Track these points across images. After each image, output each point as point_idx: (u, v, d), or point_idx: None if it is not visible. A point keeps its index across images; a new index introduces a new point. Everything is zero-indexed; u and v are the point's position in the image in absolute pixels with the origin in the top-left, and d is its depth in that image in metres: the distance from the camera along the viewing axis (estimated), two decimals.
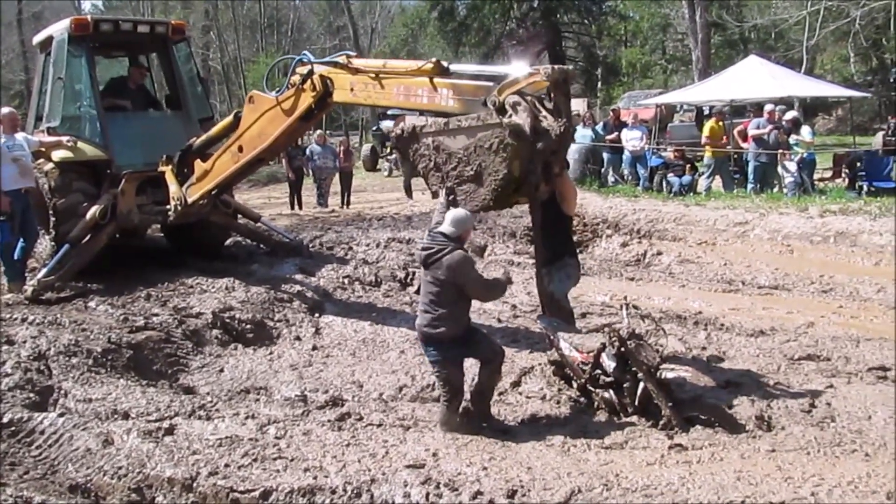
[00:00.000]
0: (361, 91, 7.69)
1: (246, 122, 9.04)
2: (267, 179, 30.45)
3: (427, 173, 6.89)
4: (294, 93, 8.33)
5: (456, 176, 6.62)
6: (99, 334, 7.98)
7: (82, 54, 10.53)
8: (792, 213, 12.69)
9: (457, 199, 6.68)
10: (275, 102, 8.56)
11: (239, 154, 9.18)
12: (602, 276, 11.56)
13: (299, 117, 8.48)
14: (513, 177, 6.32)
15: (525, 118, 6.15)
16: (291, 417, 6.47)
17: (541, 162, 6.38)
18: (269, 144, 8.86)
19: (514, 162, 6.27)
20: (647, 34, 47.07)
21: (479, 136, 6.38)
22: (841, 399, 6.64)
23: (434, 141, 6.73)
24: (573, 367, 6.66)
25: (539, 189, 6.56)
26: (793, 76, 21.72)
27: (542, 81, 6.28)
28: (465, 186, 6.59)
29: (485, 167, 6.39)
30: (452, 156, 6.60)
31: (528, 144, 6.20)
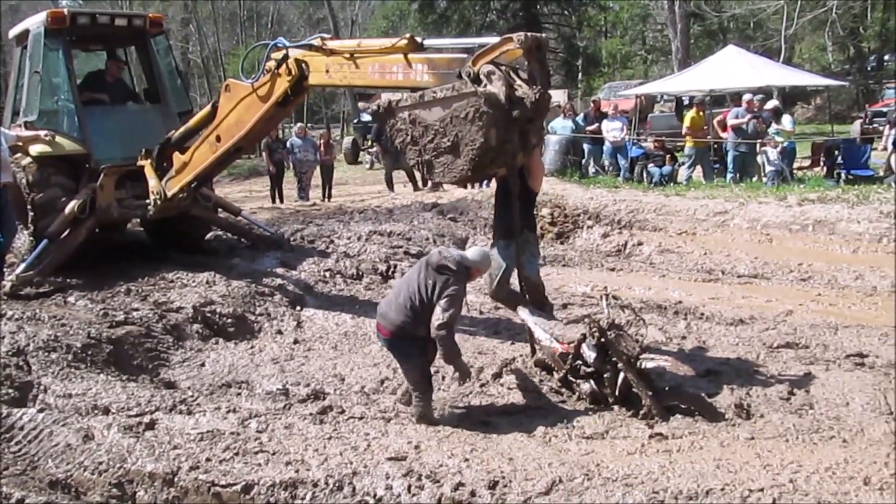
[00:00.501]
0: (337, 72, 7.66)
1: (223, 111, 8.98)
2: (248, 173, 30.38)
3: (405, 148, 6.85)
4: (269, 78, 8.28)
5: (433, 148, 6.59)
6: (78, 329, 7.93)
7: (59, 48, 10.43)
8: (771, 203, 12.76)
9: (432, 172, 6.71)
10: (251, 89, 8.51)
11: (217, 144, 9.12)
12: (583, 266, 11.59)
13: (276, 103, 8.41)
14: (490, 146, 6.30)
15: (500, 87, 6.13)
16: (273, 411, 6.45)
17: (517, 130, 6.39)
18: (246, 132, 8.79)
19: (491, 131, 6.24)
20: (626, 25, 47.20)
21: (455, 107, 6.36)
22: (819, 386, 6.71)
23: (410, 115, 6.69)
24: (554, 357, 6.69)
25: (517, 158, 6.59)
26: (771, 65, 21.84)
27: (515, 49, 6.24)
28: (442, 158, 6.56)
29: (461, 137, 6.36)
30: (429, 128, 6.56)
31: (503, 113, 6.18)
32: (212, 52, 49.32)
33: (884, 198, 12.39)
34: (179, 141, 9.84)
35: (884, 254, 11.06)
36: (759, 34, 38.57)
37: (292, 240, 12.24)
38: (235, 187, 26.19)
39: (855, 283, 10.32)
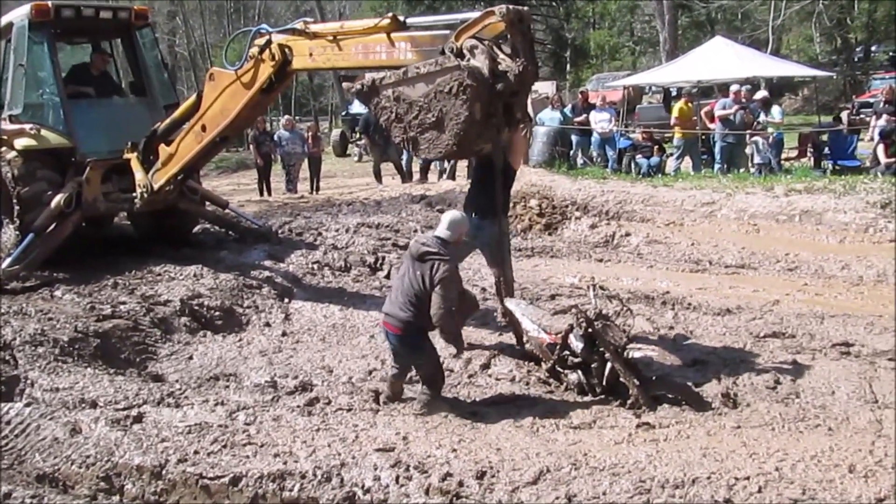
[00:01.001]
0: (320, 55, 7.68)
1: (207, 100, 8.95)
2: (236, 166, 30.35)
3: (389, 125, 6.86)
4: (253, 65, 8.27)
5: (418, 125, 6.58)
6: (65, 323, 7.91)
7: (44, 41, 10.35)
8: (758, 193, 12.79)
9: (418, 148, 6.72)
10: (235, 77, 8.50)
11: (202, 133, 9.09)
12: (571, 257, 11.61)
13: (260, 89, 8.41)
14: (474, 120, 6.29)
15: (483, 60, 6.16)
16: (261, 403, 6.45)
17: (502, 104, 6.40)
18: (231, 120, 8.76)
19: (475, 104, 6.23)
20: (615, 16, 47.20)
21: (439, 82, 6.34)
22: (805, 375, 6.76)
23: (394, 92, 6.68)
24: (541, 348, 6.71)
25: (502, 134, 6.62)
26: (758, 56, 21.89)
27: (497, 23, 6.27)
28: (427, 134, 6.56)
29: (446, 112, 6.35)
30: (413, 104, 6.55)
31: (487, 87, 6.19)
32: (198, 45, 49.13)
33: (870, 188, 12.44)
34: (165, 133, 9.79)
35: (870, 243, 11.12)
36: (746, 25, 38.63)
37: (280, 232, 12.22)
38: (223, 180, 26.14)
39: (841, 273, 10.37)
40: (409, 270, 6.21)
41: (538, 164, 16.35)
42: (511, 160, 7.25)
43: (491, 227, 7.46)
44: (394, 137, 6.96)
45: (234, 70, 8.49)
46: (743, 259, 11.18)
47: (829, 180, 13.65)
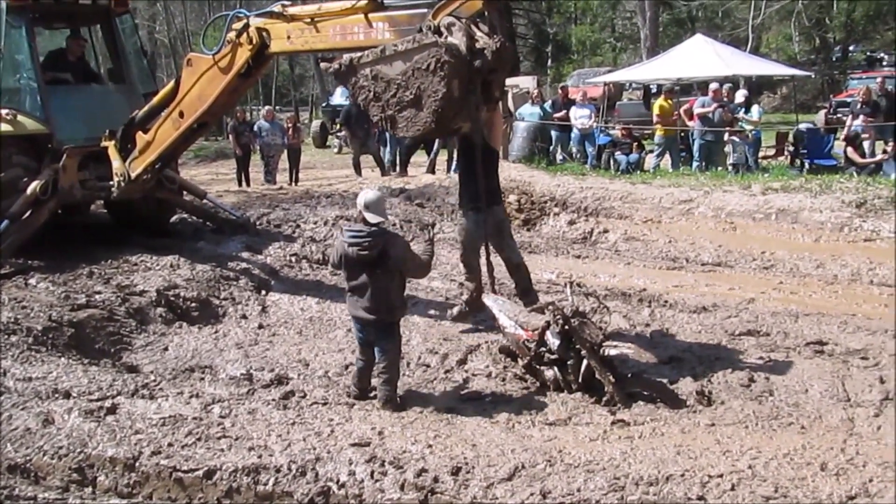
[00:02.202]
0: (298, 37, 7.69)
1: (185, 86, 8.88)
2: (214, 155, 30.11)
3: (368, 105, 6.86)
4: (231, 49, 8.25)
5: (396, 103, 6.60)
6: (39, 312, 7.84)
7: (22, 25, 10.23)
8: (735, 191, 12.88)
9: (396, 126, 6.73)
10: (212, 62, 8.46)
11: (180, 120, 9.02)
12: (549, 253, 11.63)
13: (238, 73, 8.39)
14: (452, 97, 6.31)
15: (460, 38, 6.20)
16: (236, 396, 6.44)
17: (480, 82, 6.43)
18: (209, 105, 8.71)
19: (453, 81, 6.27)
20: (596, 12, 47.34)
21: (416, 59, 6.37)
22: (779, 373, 6.82)
23: (372, 71, 6.69)
24: (518, 344, 6.73)
25: (480, 112, 6.65)
26: (738, 55, 22.00)
27: (475, 1, 6.35)
28: (405, 112, 6.58)
29: (424, 89, 6.37)
30: (391, 83, 6.58)
31: (465, 63, 6.23)
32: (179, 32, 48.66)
33: (845, 187, 12.57)
34: (143, 120, 9.67)
35: (844, 243, 11.25)
36: (726, 23, 38.86)
37: (258, 224, 12.15)
38: (202, 169, 25.92)
39: (816, 272, 10.47)
40: (360, 275, 6.14)
41: (518, 160, 16.36)
42: (490, 141, 7.27)
43: (489, 215, 7.55)
44: (372, 116, 6.98)
45: (212, 55, 8.46)
46: (719, 257, 11.26)
47: (806, 179, 13.76)
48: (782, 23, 37.02)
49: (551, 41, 48.69)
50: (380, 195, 6.30)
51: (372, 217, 6.06)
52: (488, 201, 7.45)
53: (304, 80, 56.11)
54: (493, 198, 7.70)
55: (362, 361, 6.42)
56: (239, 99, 10.09)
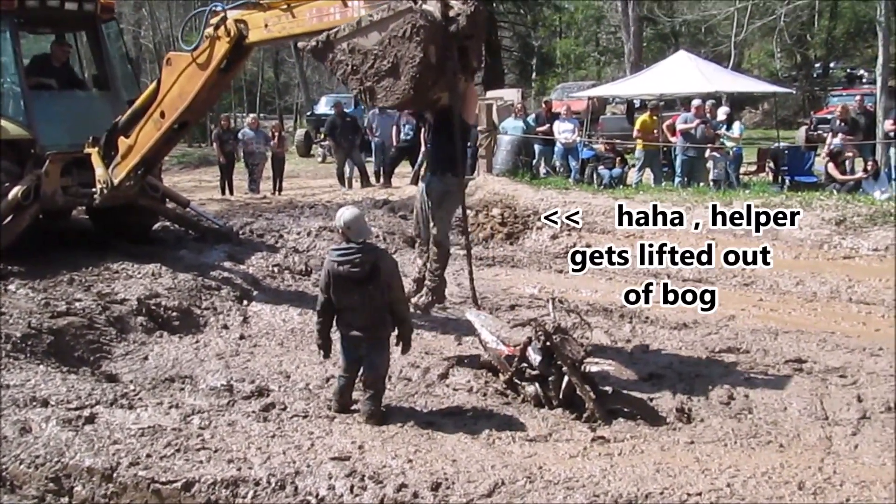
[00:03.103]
0: (275, 24, 7.72)
1: (166, 85, 8.90)
2: (198, 162, 30.07)
3: (346, 79, 6.91)
4: (209, 44, 8.29)
5: (374, 73, 6.63)
6: (19, 319, 7.78)
7: (6, 30, 10.20)
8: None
9: (375, 97, 6.75)
10: (191, 58, 8.50)
11: (161, 120, 9.02)
12: (531, 268, 11.65)
13: (217, 68, 8.42)
14: (429, 62, 6.36)
15: (434, 4, 6.28)
16: (216, 407, 6.40)
17: (456, 47, 6.48)
18: (190, 102, 8.71)
19: (429, 46, 6.32)
20: (581, 25, 47.64)
21: (392, 27, 6.43)
22: (758, 391, 6.87)
23: (349, 44, 6.74)
24: (500, 360, 6.74)
25: (459, 81, 6.71)
26: (720, 72, 22.13)
27: None
28: (384, 82, 6.61)
29: (401, 57, 6.42)
30: (368, 54, 6.62)
31: (440, 28, 6.30)
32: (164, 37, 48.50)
33: (825, 205, 12.67)
34: (126, 125, 9.63)
35: (824, 260, 11.35)
36: (709, 39, 39.18)
37: (241, 233, 12.14)
38: (185, 176, 25.87)
39: (796, 289, 10.53)
40: (352, 294, 6.10)
41: (501, 173, 16.42)
42: (465, 115, 7.31)
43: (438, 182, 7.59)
44: (351, 90, 7.11)
45: (190, 51, 8.48)
46: (700, 273, 11.29)
47: (786, 196, 13.87)
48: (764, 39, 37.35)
49: (536, 54, 48.99)
50: (358, 212, 6.25)
51: (358, 234, 6.08)
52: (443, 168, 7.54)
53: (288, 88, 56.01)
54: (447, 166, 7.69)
55: (345, 378, 6.37)
56: (220, 95, 10.09)
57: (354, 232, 6.07)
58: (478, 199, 14.27)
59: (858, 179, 15.73)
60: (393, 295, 6.17)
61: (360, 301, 6.08)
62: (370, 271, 6.00)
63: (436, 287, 8.12)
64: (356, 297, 6.08)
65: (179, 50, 9.01)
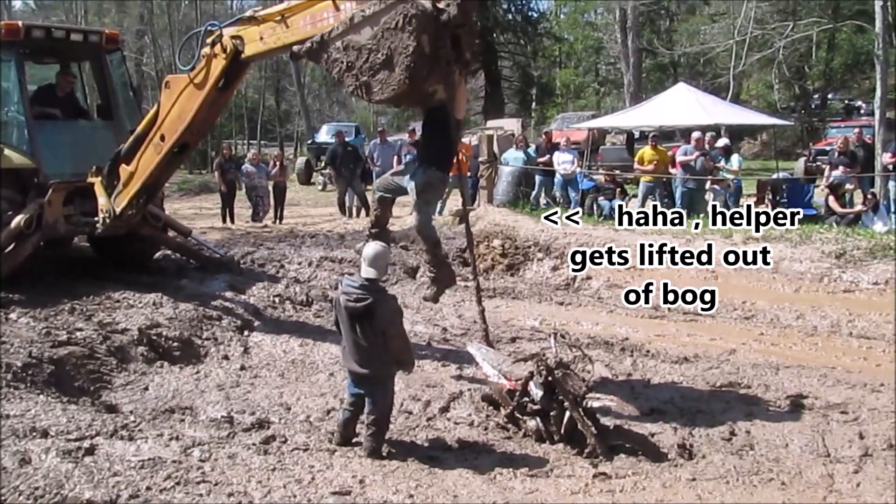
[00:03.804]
0: (270, 36, 7.81)
1: (165, 108, 8.95)
2: (199, 189, 30.12)
3: (342, 76, 6.95)
4: (206, 62, 8.37)
5: (368, 68, 6.68)
6: (19, 348, 7.76)
7: (11, 59, 10.28)
8: (717, 239, 12.96)
9: (371, 92, 6.76)
10: (189, 79, 8.57)
11: (161, 143, 9.05)
12: (532, 300, 11.65)
13: (215, 85, 8.47)
14: (423, 52, 6.41)
15: None
16: (217, 439, 6.38)
17: (449, 36, 6.54)
18: (189, 122, 8.76)
19: (422, 35, 6.37)
20: (580, 56, 48.03)
21: (384, 21, 6.49)
22: (760, 427, 6.86)
23: (342, 42, 6.81)
24: (501, 394, 6.74)
25: (453, 73, 6.78)
26: (720, 104, 22.28)
27: None
28: (379, 75, 6.65)
29: (394, 48, 6.47)
30: (362, 49, 6.68)
31: (431, 18, 6.37)
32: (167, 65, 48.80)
33: (825, 238, 12.67)
34: (128, 153, 9.63)
35: (824, 293, 11.30)
36: (708, 70, 39.45)
37: (242, 263, 12.16)
38: (185, 203, 25.93)
39: (796, 323, 10.52)
40: (352, 329, 6.11)
41: (502, 204, 16.46)
42: (455, 111, 7.36)
43: (422, 175, 7.57)
44: (347, 87, 7.07)
45: (188, 71, 8.56)
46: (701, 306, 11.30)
47: (786, 229, 13.88)
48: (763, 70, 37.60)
49: (536, 84, 49.30)
50: (381, 251, 6.24)
51: (367, 271, 6.10)
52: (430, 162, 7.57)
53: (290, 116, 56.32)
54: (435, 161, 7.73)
55: (349, 412, 6.36)
56: (218, 115, 10.10)
57: (366, 267, 6.11)
58: (478, 229, 14.28)
59: (858, 213, 15.76)
60: (389, 342, 6.08)
61: (357, 337, 6.09)
62: (364, 311, 6.00)
63: (435, 276, 8.10)
64: (354, 332, 6.09)
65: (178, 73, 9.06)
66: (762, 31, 29.56)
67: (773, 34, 29.61)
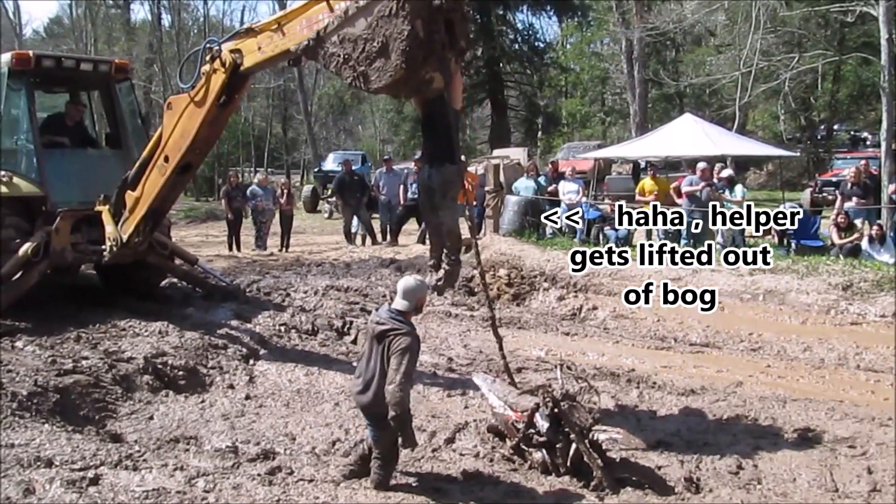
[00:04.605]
0: (268, 45, 7.91)
1: (168, 129, 9.03)
2: (205, 216, 30.20)
3: (340, 70, 7.03)
4: (205, 80, 8.45)
5: (365, 57, 6.74)
6: (25, 376, 7.78)
7: (22, 89, 10.38)
8: (723, 271, 12.95)
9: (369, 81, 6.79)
10: (189, 98, 8.67)
11: (166, 165, 9.11)
12: (538, 329, 11.63)
13: (216, 101, 8.53)
14: (418, 36, 6.46)
15: None
16: (221, 470, 6.36)
17: (443, 19, 6.59)
18: (192, 140, 8.82)
19: (416, 21, 6.43)
20: (587, 86, 48.16)
21: (378, 10, 6.57)
22: (767, 461, 6.82)
23: (338, 36, 6.90)
24: (507, 425, 6.71)
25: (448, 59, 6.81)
26: (726, 135, 22.34)
27: None
28: (376, 64, 6.71)
29: (389, 35, 6.54)
30: (358, 40, 6.75)
31: (425, 3, 6.43)
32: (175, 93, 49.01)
33: (832, 269, 12.66)
34: (133, 179, 9.69)
35: (831, 326, 11.28)
36: (714, 100, 39.55)
37: (248, 291, 12.18)
38: (192, 230, 25.99)
39: (803, 356, 10.49)
40: (367, 352, 6.11)
41: (508, 233, 16.45)
42: (450, 101, 7.37)
43: (437, 174, 7.42)
44: (345, 80, 7.16)
45: (188, 89, 8.67)
46: (707, 337, 11.27)
47: (793, 260, 13.84)
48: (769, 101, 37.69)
49: (542, 113, 49.46)
50: (413, 285, 6.17)
51: (398, 302, 6.10)
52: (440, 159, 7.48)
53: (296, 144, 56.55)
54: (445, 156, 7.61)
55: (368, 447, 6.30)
56: (220, 133, 10.10)
57: (398, 298, 6.11)
58: (484, 258, 14.24)
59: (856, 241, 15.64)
60: (389, 372, 5.84)
61: (369, 363, 6.06)
62: (382, 334, 5.95)
63: (451, 270, 7.92)
64: (370, 357, 6.06)
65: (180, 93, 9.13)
66: (768, 62, 29.63)
67: (778, 66, 29.70)
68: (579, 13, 46.85)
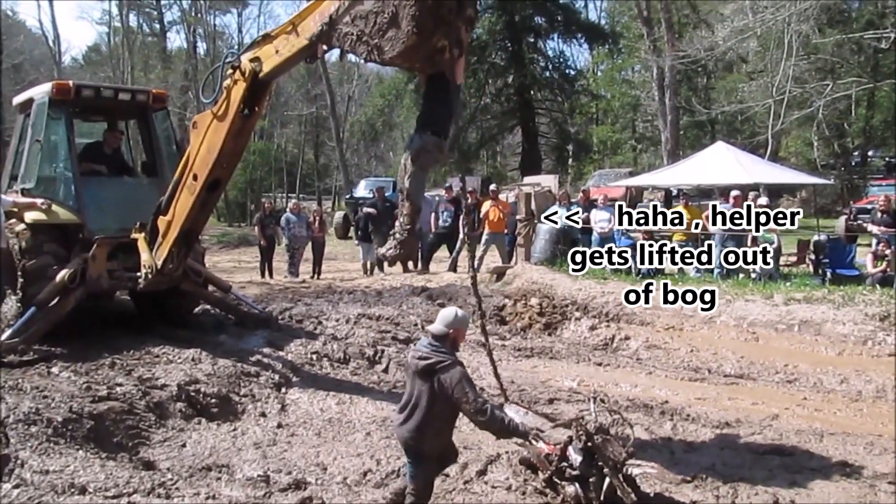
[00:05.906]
0: (285, 46, 8.03)
1: (194, 148, 9.16)
2: (238, 241, 30.47)
3: (354, 48, 7.14)
4: (226, 94, 8.59)
5: (377, 30, 6.85)
6: (60, 403, 7.85)
7: (61, 117, 10.63)
8: (758, 300, 12.83)
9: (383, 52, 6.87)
10: (212, 113, 8.78)
11: (195, 183, 9.22)
12: (570, 360, 11.55)
13: (238, 112, 8.62)
14: (427, 2, 6.53)
15: None
16: (253, 499, 6.39)
17: None
18: (218, 155, 8.92)
19: None
20: (617, 113, 48.15)
21: None
22: (804, 496, 6.72)
23: (350, 15, 7.04)
24: (539, 458, 6.65)
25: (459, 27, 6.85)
26: (759, 163, 22.16)
27: None
28: (388, 34, 6.80)
29: (398, 4, 6.63)
30: (369, 15, 6.88)
31: None
32: None
33: (868, 300, 12.48)
34: (166, 204, 9.83)
35: (868, 357, 11.11)
36: (746, 127, 39.34)
37: (280, 319, 12.24)
38: (224, 256, 26.24)
39: (840, 388, 10.32)
40: (410, 389, 5.94)
41: (539, 262, 16.40)
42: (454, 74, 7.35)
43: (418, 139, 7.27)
44: (360, 56, 7.22)
45: (210, 104, 8.82)
46: (742, 368, 11.13)
47: (829, 290, 13.66)
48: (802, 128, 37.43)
49: (573, 140, 49.46)
50: (453, 316, 5.98)
51: (435, 327, 5.94)
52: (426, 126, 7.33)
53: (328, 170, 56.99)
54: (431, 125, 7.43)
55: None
56: (246, 145, 10.14)
57: (436, 325, 5.97)
58: (516, 287, 14.28)
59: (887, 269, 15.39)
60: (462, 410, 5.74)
61: (411, 398, 5.92)
62: (423, 371, 5.81)
63: (404, 240, 7.60)
64: (412, 393, 5.92)
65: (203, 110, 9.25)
66: (801, 89, 29.43)
67: (812, 93, 29.50)
68: (610, 41, 46.85)
